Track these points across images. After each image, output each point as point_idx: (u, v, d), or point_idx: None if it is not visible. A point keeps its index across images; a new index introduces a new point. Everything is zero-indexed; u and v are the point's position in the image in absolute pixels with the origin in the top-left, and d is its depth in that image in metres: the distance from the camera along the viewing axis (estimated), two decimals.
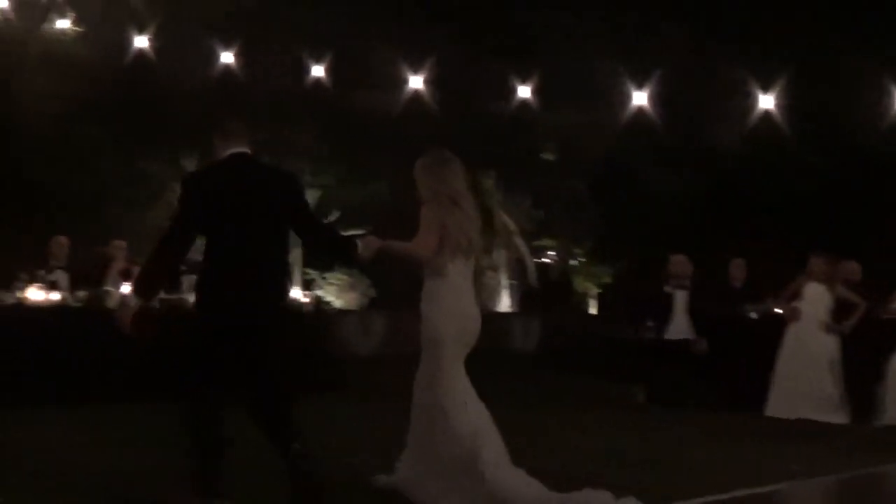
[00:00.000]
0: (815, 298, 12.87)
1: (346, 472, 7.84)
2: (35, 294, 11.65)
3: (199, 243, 6.51)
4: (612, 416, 12.13)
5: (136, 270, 11.83)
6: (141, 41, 16.80)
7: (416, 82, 17.51)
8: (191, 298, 7.45)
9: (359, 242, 7.08)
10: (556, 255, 29.27)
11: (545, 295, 27.48)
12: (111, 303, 11.71)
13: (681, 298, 13.53)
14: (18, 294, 11.64)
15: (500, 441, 7.08)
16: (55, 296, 11.90)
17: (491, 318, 25.97)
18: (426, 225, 7.33)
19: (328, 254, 7.51)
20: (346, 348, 15.08)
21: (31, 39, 16.60)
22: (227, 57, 17.10)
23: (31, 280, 12.00)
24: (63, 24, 16.85)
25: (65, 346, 11.14)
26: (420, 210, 7.39)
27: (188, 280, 11.49)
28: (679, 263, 13.65)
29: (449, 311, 7.26)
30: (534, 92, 18.51)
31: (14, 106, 16.90)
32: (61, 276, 12.52)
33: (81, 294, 11.97)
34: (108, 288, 12.30)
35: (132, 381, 11.09)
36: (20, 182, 17.00)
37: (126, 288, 11.47)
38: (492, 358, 19.89)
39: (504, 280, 28.15)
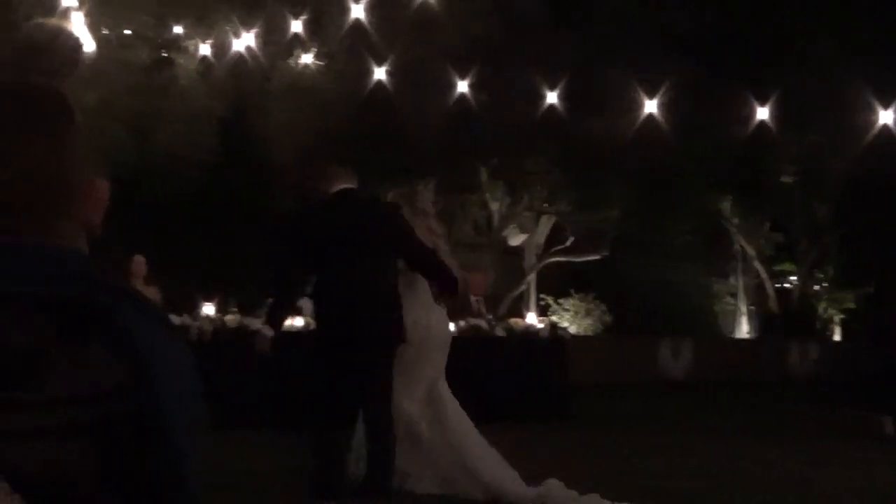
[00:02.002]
0: None
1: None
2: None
3: None
4: (856, 448, 11.67)
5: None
6: (380, 72, 17.19)
7: (650, 107, 17.33)
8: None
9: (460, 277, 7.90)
10: (798, 279, 28.49)
11: (786, 321, 26.75)
12: None
13: None
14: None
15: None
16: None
17: (729, 345, 25.51)
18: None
19: (434, 285, 7.95)
20: (580, 375, 14.98)
21: (274, 73, 17.20)
22: (462, 86, 17.32)
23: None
24: (306, 58, 17.41)
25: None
26: None
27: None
28: None
29: (416, 320, 7.74)
30: (772, 114, 18.06)
31: (257, 137, 17.55)
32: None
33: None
34: None
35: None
36: (262, 211, 17.65)
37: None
38: (731, 386, 19.47)
39: (743, 306, 27.53)
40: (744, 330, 27.45)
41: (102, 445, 0.91)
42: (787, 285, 29.03)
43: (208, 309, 13.03)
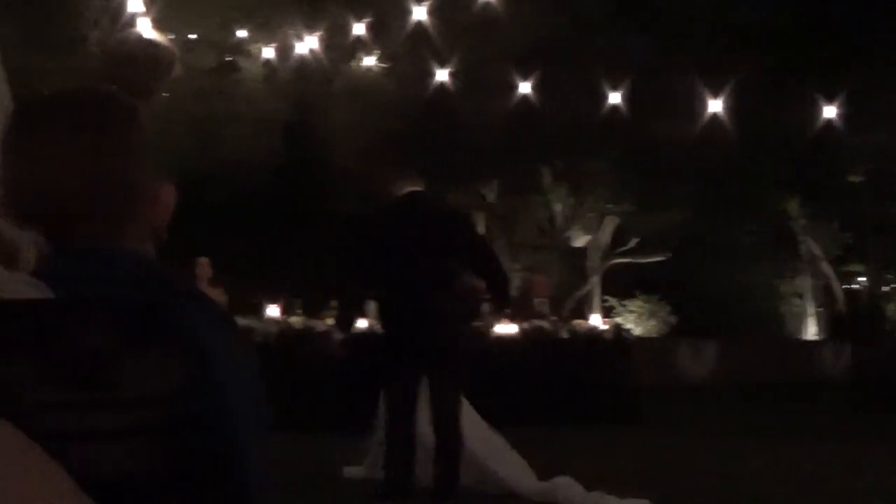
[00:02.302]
0: None
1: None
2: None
3: None
4: None
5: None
6: (442, 74, 17.22)
7: (714, 106, 17.20)
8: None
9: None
10: (866, 280, 28.14)
11: (854, 322, 26.43)
12: None
13: None
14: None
15: None
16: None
17: (796, 347, 25.25)
18: None
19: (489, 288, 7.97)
20: (644, 377, 14.90)
21: (337, 76, 17.29)
22: (525, 87, 17.30)
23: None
24: (369, 60, 17.48)
25: None
26: None
27: None
28: None
29: None
30: (839, 112, 17.86)
31: (320, 140, 17.65)
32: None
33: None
34: None
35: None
36: (327, 213, 17.74)
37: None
38: (799, 387, 19.26)
39: (810, 307, 27.24)
40: (811, 331, 27.16)
41: (169, 447, 0.92)
42: (855, 286, 28.68)
43: (273, 311, 13.13)
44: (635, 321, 24.05)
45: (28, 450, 0.76)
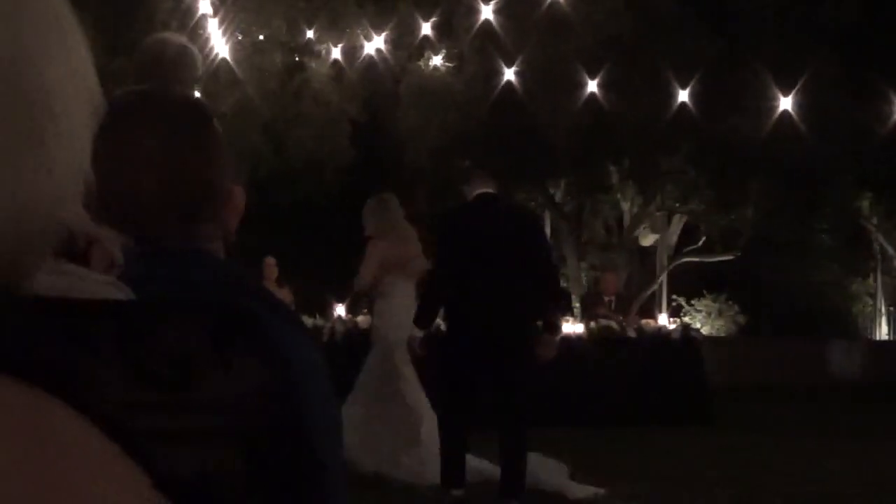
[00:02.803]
0: None
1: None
2: None
3: None
4: None
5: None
6: (510, 73, 17.20)
7: (785, 103, 17.01)
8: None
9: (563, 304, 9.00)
10: None
11: None
12: None
13: None
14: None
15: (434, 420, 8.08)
16: None
17: (868, 347, 24.90)
18: (367, 257, 8.71)
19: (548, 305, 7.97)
20: (714, 377, 14.79)
21: (405, 76, 17.34)
22: (593, 85, 17.23)
23: None
24: (436, 60, 17.51)
25: None
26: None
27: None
28: None
29: (398, 325, 8.30)
30: None
31: (389, 139, 17.71)
32: None
33: None
34: None
35: None
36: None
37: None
38: (870, 389, 19.00)
39: (882, 307, 26.87)
40: (883, 331, 26.80)
41: (248, 451, 0.93)
42: None
43: (340, 310, 13.21)
44: (703, 320, 23.90)
45: (107, 450, 0.77)
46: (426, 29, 17.07)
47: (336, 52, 16.81)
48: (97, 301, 0.80)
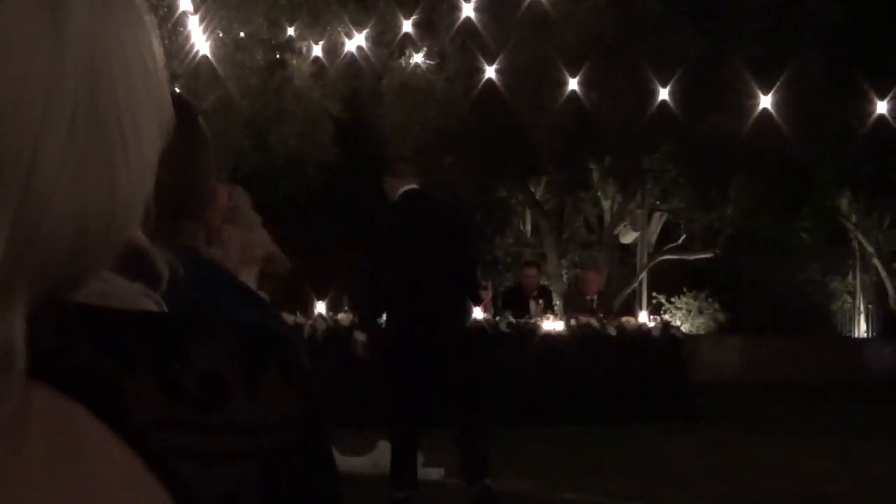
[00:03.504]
0: None
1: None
2: None
3: None
4: None
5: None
6: (491, 71, 17.19)
7: (766, 102, 17.05)
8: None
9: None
10: None
11: None
12: None
13: None
14: None
15: None
16: None
17: (847, 344, 24.99)
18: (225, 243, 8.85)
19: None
20: (695, 375, 14.83)
21: (386, 73, 17.32)
22: (574, 83, 17.23)
23: None
24: (417, 57, 17.49)
25: None
26: None
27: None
28: None
29: None
30: (893, 108, 17.65)
31: (371, 137, 17.69)
32: None
33: None
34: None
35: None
36: (376, 209, 17.75)
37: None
38: (848, 387, 19.09)
39: (861, 304, 26.99)
40: (862, 329, 26.91)
41: (269, 474, 0.93)
42: None
43: (321, 308, 13.20)
44: (683, 318, 23.95)
45: (132, 465, 0.78)
46: (407, 26, 17.05)
47: (317, 50, 16.77)
48: (136, 313, 0.80)
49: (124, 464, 0.74)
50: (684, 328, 21.05)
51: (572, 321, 13.63)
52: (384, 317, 7.99)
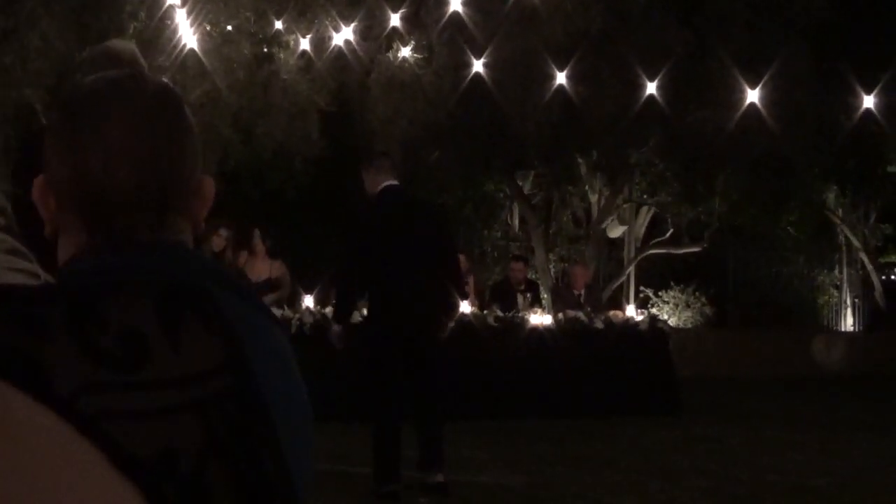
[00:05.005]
0: None
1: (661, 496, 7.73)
2: None
3: None
4: None
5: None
6: (478, 65, 17.17)
7: (753, 96, 17.06)
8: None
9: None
10: None
11: (893, 313, 26.23)
12: None
13: None
14: None
15: None
16: None
17: (833, 338, 25.06)
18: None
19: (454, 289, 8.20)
20: (682, 369, 14.86)
21: (374, 67, 17.29)
22: (561, 77, 17.22)
23: None
24: (405, 51, 17.47)
25: None
26: None
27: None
28: None
29: None
30: (879, 103, 17.69)
31: (358, 130, 17.66)
32: None
33: None
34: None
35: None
36: (362, 204, 17.73)
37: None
38: (836, 380, 19.15)
39: (847, 298, 27.06)
40: (848, 323, 26.98)
41: (204, 423, 0.94)
42: (894, 277, 28.46)
43: (309, 301, 13.22)
44: (670, 312, 23.99)
45: (63, 435, 0.77)
46: (395, 20, 17.02)
47: (305, 43, 16.73)
48: (45, 286, 0.81)
49: (52, 433, 0.74)
50: (672, 322, 21.10)
51: (560, 315, 13.64)
52: (364, 312, 8.10)
